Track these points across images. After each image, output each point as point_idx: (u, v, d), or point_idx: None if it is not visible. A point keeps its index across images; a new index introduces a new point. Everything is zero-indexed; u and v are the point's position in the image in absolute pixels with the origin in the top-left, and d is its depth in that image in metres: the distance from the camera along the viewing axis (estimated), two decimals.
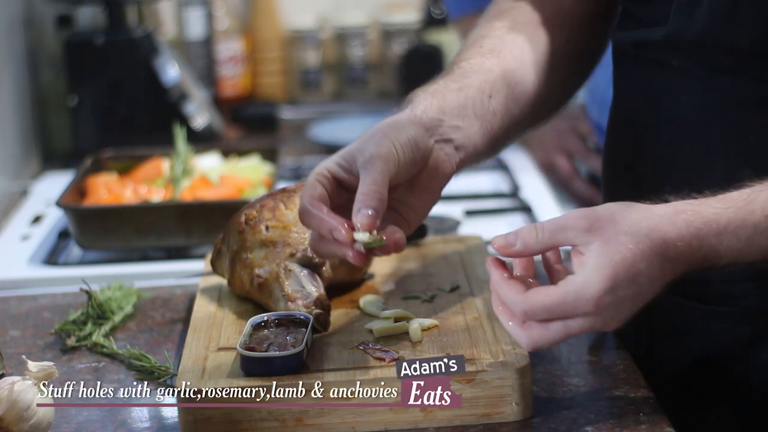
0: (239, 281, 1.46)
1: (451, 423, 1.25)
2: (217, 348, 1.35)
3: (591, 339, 1.49)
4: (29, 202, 2.16)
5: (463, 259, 1.58)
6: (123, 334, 1.54)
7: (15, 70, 2.34)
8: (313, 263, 1.43)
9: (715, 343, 1.36)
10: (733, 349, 1.35)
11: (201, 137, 2.39)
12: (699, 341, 1.38)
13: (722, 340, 1.36)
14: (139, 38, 2.44)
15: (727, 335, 1.35)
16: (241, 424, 1.24)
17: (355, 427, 1.25)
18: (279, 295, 1.40)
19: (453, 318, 1.39)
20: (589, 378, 1.37)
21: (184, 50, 2.81)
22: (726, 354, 1.36)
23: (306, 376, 1.25)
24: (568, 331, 1.19)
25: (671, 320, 1.41)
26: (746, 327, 1.34)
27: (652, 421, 1.25)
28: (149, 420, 1.32)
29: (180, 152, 2.02)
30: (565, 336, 1.19)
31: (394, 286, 1.51)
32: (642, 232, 1.16)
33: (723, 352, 1.36)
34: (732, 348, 1.35)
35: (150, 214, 1.82)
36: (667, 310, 1.38)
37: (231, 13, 2.87)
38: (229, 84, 2.85)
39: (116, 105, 2.45)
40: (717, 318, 1.36)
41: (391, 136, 1.30)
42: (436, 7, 2.99)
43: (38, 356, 1.48)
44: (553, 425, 1.24)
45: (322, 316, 1.37)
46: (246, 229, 1.47)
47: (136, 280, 1.68)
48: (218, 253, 1.51)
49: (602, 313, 1.17)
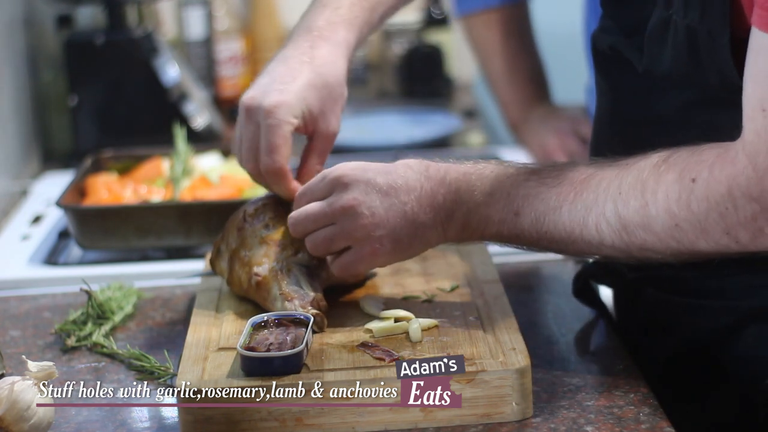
0: (237, 280, 1.46)
1: (451, 423, 1.25)
2: (217, 348, 1.35)
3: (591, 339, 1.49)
4: (29, 202, 2.15)
5: (463, 259, 1.58)
6: (123, 334, 1.54)
7: (15, 70, 2.34)
8: (312, 265, 1.43)
9: (697, 336, 1.38)
10: (715, 341, 1.37)
11: (201, 137, 2.39)
12: (683, 334, 1.40)
13: (704, 332, 1.37)
14: (139, 38, 2.44)
15: (708, 327, 1.37)
16: (241, 424, 1.24)
17: (355, 427, 1.25)
18: (276, 294, 1.40)
19: (453, 318, 1.39)
20: (589, 378, 1.37)
21: (184, 50, 2.81)
22: (708, 345, 1.38)
23: (306, 376, 1.25)
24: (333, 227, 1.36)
25: (656, 314, 1.43)
26: (726, 319, 1.36)
27: (652, 421, 1.25)
28: (149, 420, 1.32)
29: (180, 152, 2.02)
30: (332, 232, 1.36)
31: (394, 286, 1.51)
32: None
33: (706, 343, 1.38)
34: (714, 339, 1.37)
35: (150, 214, 1.82)
36: (652, 304, 1.43)
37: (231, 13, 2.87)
38: (229, 84, 2.86)
39: (116, 105, 2.45)
40: (698, 311, 1.37)
41: (341, 103, 1.50)
42: (436, 7, 3.00)
43: (38, 356, 1.48)
44: (553, 425, 1.24)
45: (318, 316, 1.37)
46: (245, 227, 1.47)
47: (136, 280, 1.68)
48: (218, 252, 1.51)
49: (357, 194, 1.34)
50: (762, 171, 1.16)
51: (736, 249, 1.20)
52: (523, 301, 1.58)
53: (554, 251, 1.33)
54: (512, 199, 1.31)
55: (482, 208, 1.32)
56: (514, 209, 1.31)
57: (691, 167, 1.20)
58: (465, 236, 1.35)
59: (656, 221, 1.22)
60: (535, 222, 1.30)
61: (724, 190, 1.18)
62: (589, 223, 1.26)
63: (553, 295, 1.57)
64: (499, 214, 1.31)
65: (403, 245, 1.36)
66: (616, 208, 1.24)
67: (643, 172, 1.23)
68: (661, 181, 1.22)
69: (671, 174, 1.21)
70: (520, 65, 2.43)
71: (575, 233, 1.28)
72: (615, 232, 1.25)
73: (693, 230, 1.21)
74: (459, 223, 1.34)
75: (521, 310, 1.45)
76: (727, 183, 1.18)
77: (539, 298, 1.65)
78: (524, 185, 1.31)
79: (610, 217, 1.25)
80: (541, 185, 1.30)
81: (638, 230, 1.24)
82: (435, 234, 1.35)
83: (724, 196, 1.18)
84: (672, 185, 1.21)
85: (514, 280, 1.64)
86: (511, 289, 1.50)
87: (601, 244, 1.27)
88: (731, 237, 1.19)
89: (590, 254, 1.32)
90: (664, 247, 1.23)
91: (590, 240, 1.27)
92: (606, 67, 1.44)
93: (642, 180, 1.23)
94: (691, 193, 1.20)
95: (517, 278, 1.67)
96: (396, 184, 1.35)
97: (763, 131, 1.16)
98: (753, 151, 1.17)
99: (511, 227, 1.31)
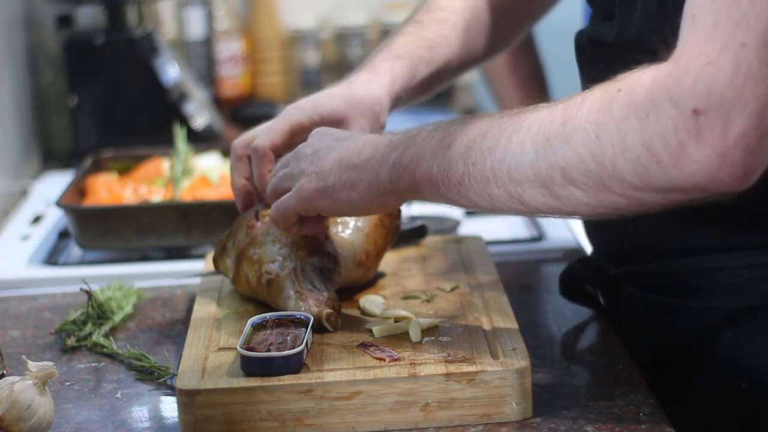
0: (245, 278, 1.46)
1: (451, 423, 1.25)
2: (217, 348, 1.35)
3: (591, 339, 1.49)
4: (29, 202, 2.15)
5: (463, 259, 1.58)
6: (123, 334, 1.54)
7: (15, 70, 2.34)
8: (326, 266, 1.44)
9: (676, 337, 1.38)
10: (694, 342, 1.37)
11: (201, 137, 2.39)
12: (662, 334, 1.40)
13: (683, 333, 1.37)
14: (139, 38, 2.44)
15: (686, 329, 1.37)
16: (241, 424, 1.24)
17: (355, 427, 1.25)
18: (290, 293, 1.40)
19: (453, 318, 1.39)
20: (589, 378, 1.37)
21: (184, 50, 2.81)
22: (688, 347, 1.37)
23: (306, 376, 1.25)
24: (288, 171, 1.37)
25: (637, 313, 1.43)
26: (704, 320, 1.35)
27: (652, 421, 1.25)
28: (149, 420, 1.32)
29: (180, 152, 2.02)
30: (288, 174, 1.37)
31: (394, 286, 1.51)
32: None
33: (685, 344, 1.38)
34: (692, 341, 1.37)
35: (150, 214, 1.82)
36: (632, 302, 1.42)
37: (231, 13, 2.87)
38: (229, 84, 2.85)
39: (116, 105, 2.45)
40: (677, 311, 1.38)
41: (372, 124, 1.51)
42: None
43: (38, 356, 1.48)
44: (553, 425, 1.24)
45: (333, 316, 1.37)
46: (257, 226, 1.46)
47: (136, 280, 1.69)
48: (222, 250, 1.51)
49: (311, 140, 1.36)
50: (682, 71, 1.07)
51: (659, 177, 1.09)
52: (523, 301, 1.58)
53: (478, 202, 1.22)
54: (449, 132, 1.25)
55: (419, 145, 1.27)
56: (448, 142, 1.24)
57: (619, 80, 1.14)
58: (395, 177, 1.28)
59: (577, 132, 1.13)
60: (464, 151, 1.22)
61: (645, 92, 1.09)
62: (514, 141, 1.18)
63: (553, 295, 1.57)
64: (432, 147, 1.25)
65: (328, 183, 1.33)
66: (542, 124, 1.16)
67: (576, 95, 1.17)
68: (588, 97, 1.15)
69: (599, 90, 1.15)
70: (520, 65, 2.43)
71: (497, 157, 1.19)
72: (537, 149, 1.16)
73: (612, 142, 1.11)
74: (391, 163, 1.28)
75: (521, 310, 1.45)
76: (648, 86, 1.09)
77: (539, 298, 1.65)
78: (465, 120, 1.26)
79: (535, 131, 1.16)
80: (481, 119, 1.24)
81: (559, 145, 1.14)
82: (365, 176, 1.30)
83: (644, 100, 1.09)
84: (597, 98, 1.14)
85: (514, 280, 1.64)
86: (511, 289, 1.50)
87: (521, 175, 1.17)
88: (651, 154, 1.08)
89: (513, 200, 1.19)
90: (583, 168, 1.13)
91: (511, 166, 1.17)
92: (586, 60, 1.44)
93: (573, 100, 1.17)
94: (614, 101, 1.12)
95: (517, 278, 1.67)
96: (351, 136, 1.35)
97: (689, 35, 1.09)
98: (678, 54, 1.09)
99: (441, 161, 1.24)
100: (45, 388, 1.24)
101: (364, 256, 1.47)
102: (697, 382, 1.37)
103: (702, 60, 1.06)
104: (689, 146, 1.06)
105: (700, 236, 1.35)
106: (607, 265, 1.47)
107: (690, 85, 1.06)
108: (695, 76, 1.06)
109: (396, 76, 1.56)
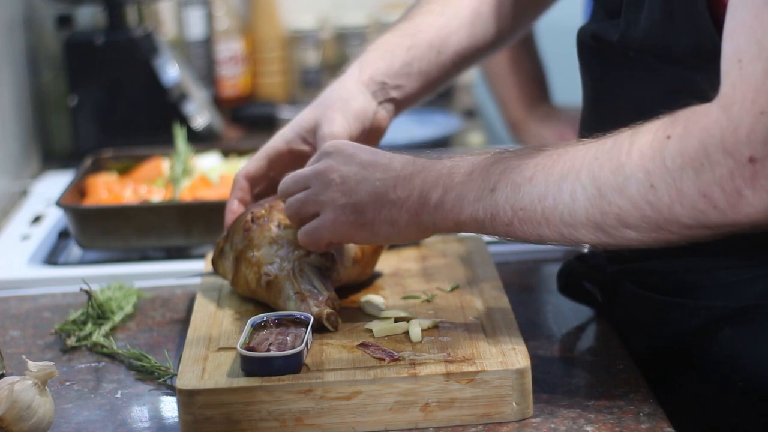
0: (244, 280, 1.46)
1: (451, 423, 1.25)
2: (217, 348, 1.35)
3: (591, 338, 1.49)
4: (29, 202, 2.15)
5: (463, 259, 1.58)
6: (123, 334, 1.54)
7: (15, 70, 2.34)
8: (324, 266, 1.44)
9: (673, 335, 1.38)
10: (691, 341, 1.36)
11: (201, 137, 2.39)
12: (660, 332, 1.40)
13: (680, 331, 1.37)
14: (139, 38, 2.44)
15: (683, 327, 1.37)
16: (241, 424, 1.24)
17: (355, 427, 1.25)
18: (290, 294, 1.40)
19: (453, 318, 1.39)
20: (589, 378, 1.37)
21: (184, 50, 2.81)
22: (685, 345, 1.37)
23: (306, 376, 1.25)
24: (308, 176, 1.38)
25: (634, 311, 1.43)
26: (700, 319, 1.35)
27: (652, 421, 1.25)
28: (149, 420, 1.32)
29: (180, 152, 2.02)
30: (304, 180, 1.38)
31: (393, 286, 1.51)
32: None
33: (681, 343, 1.37)
34: (689, 340, 1.36)
35: (150, 214, 1.82)
36: (630, 300, 1.42)
37: (231, 13, 2.87)
38: (229, 84, 2.85)
39: (116, 105, 2.45)
40: (674, 310, 1.37)
41: (343, 111, 1.52)
42: None
43: (38, 356, 1.48)
44: (553, 425, 1.24)
45: (333, 315, 1.37)
46: (253, 228, 1.46)
47: (136, 280, 1.68)
48: (220, 253, 1.51)
49: (334, 162, 1.35)
50: (736, 121, 1.11)
51: (715, 219, 1.14)
52: (523, 301, 1.58)
53: (527, 238, 1.26)
54: (489, 175, 1.27)
55: (459, 187, 1.28)
56: (490, 185, 1.26)
57: (666, 126, 1.16)
58: (438, 219, 1.30)
59: (630, 182, 1.17)
60: (510, 196, 1.24)
61: (698, 143, 1.13)
62: (564, 189, 1.21)
63: (553, 295, 1.57)
64: (475, 192, 1.27)
65: (366, 219, 1.33)
66: (591, 171, 1.19)
67: (620, 138, 1.20)
68: (635, 142, 1.18)
69: (647, 135, 1.17)
70: (520, 65, 2.43)
71: (548, 204, 1.22)
72: (589, 198, 1.19)
73: (668, 191, 1.15)
74: (433, 204, 1.30)
75: (521, 310, 1.45)
76: (700, 135, 1.13)
77: (539, 298, 1.65)
78: (503, 162, 1.27)
79: (585, 181, 1.20)
80: (520, 159, 1.26)
81: (613, 194, 1.18)
82: (404, 215, 1.31)
83: (698, 150, 1.13)
84: (647, 144, 1.17)
85: (514, 280, 1.64)
86: (511, 289, 1.50)
87: (575, 220, 1.21)
88: (708, 200, 1.13)
89: (565, 239, 1.24)
90: (639, 215, 1.17)
91: (564, 213, 1.21)
92: (588, 57, 1.45)
93: (618, 144, 1.19)
94: (665, 149, 1.15)
95: (517, 278, 1.67)
96: (377, 162, 1.34)
97: (738, 81, 1.12)
98: (728, 102, 1.12)
99: (487, 205, 1.26)
100: (45, 388, 1.24)
101: (359, 253, 1.47)
102: (693, 380, 1.37)
103: (756, 110, 1.11)
104: (746, 191, 1.12)
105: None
106: (604, 263, 1.47)
107: (745, 136, 1.11)
108: (750, 126, 1.11)
109: (364, 65, 1.57)
